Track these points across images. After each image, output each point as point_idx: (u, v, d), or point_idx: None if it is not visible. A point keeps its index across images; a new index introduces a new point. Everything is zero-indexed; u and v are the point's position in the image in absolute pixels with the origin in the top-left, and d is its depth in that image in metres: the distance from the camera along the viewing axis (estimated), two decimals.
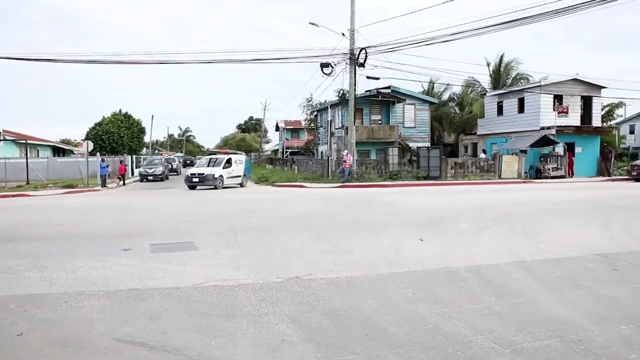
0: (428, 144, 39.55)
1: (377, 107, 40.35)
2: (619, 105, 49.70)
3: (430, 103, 43.04)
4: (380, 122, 40.20)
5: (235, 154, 37.16)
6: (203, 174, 28.91)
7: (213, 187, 28.40)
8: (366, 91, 39.12)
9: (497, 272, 7.74)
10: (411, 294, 6.55)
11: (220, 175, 28.91)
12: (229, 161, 30.30)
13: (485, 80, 49.54)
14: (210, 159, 32.05)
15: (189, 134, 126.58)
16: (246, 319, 5.63)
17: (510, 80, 48.69)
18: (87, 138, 49.18)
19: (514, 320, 5.54)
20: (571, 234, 11.11)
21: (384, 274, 7.54)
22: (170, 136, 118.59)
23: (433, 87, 50.00)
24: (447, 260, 8.46)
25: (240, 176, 30.73)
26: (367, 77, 31.25)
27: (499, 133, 39.94)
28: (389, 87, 38.46)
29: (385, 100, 39.39)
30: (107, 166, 33.01)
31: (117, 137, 51.02)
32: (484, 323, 5.46)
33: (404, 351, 4.70)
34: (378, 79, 31.88)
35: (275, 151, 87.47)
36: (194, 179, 29.07)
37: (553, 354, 4.65)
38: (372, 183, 29.11)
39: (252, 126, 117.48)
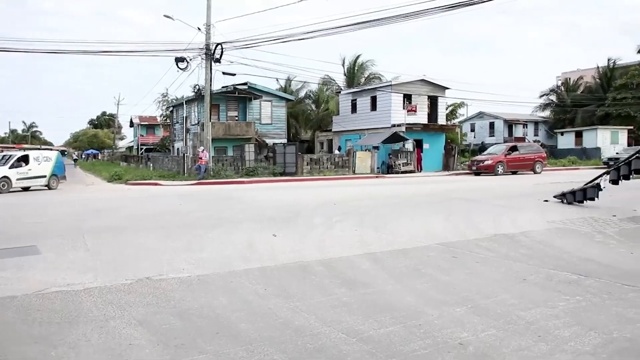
0: (285, 141, 40.02)
1: (234, 103, 40.12)
2: (461, 105, 53.62)
3: (287, 100, 43.59)
4: (237, 118, 40.03)
5: (39, 149, 33.71)
6: None
7: None
8: (223, 87, 38.76)
9: (347, 264, 8.01)
10: (263, 289, 6.60)
11: (5, 177, 24.10)
12: (23, 159, 25.44)
13: (341, 79, 51.13)
14: (4, 156, 26.89)
15: (34, 129, 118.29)
16: (91, 324, 5.36)
17: (364, 80, 50.59)
18: None
19: (361, 310, 5.76)
20: (418, 225, 11.76)
21: (237, 271, 7.52)
22: (13, 132, 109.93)
23: (290, 85, 50.71)
24: (299, 255, 8.60)
25: (45, 176, 26.04)
26: (223, 73, 31.01)
27: (353, 130, 41.34)
28: (245, 84, 38.42)
29: (242, 96, 39.28)
30: None
31: None
32: (333, 314, 5.62)
33: (254, 347, 4.72)
34: (234, 75, 31.76)
35: (130, 148, 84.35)
36: None
37: (396, 339, 4.90)
38: (228, 180, 28.93)
39: (105, 122, 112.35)
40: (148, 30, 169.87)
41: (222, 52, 29.30)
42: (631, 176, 14.20)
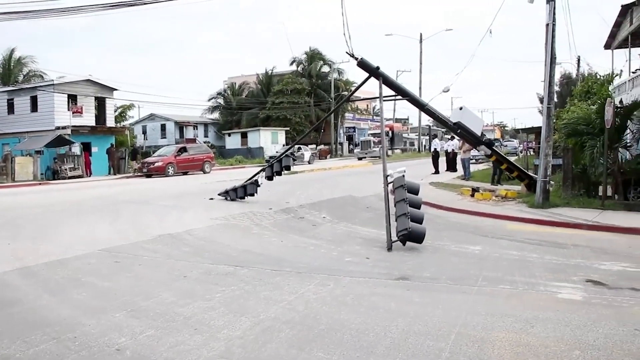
0: None
1: None
2: (131, 106, 52.89)
3: None
4: None
5: None
6: None
7: None
8: None
9: None
10: None
11: None
12: None
13: None
14: None
15: None
16: None
17: (22, 77, 46.40)
18: None
19: (8, 333, 5.27)
20: (81, 233, 11.27)
21: None
22: None
23: None
24: None
25: None
26: None
27: (12, 133, 37.53)
28: None
29: None
30: None
31: None
32: None
33: None
34: None
35: None
36: None
37: (47, 358, 4.63)
38: None
39: None
40: None
41: None
42: (283, 172, 15.80)
